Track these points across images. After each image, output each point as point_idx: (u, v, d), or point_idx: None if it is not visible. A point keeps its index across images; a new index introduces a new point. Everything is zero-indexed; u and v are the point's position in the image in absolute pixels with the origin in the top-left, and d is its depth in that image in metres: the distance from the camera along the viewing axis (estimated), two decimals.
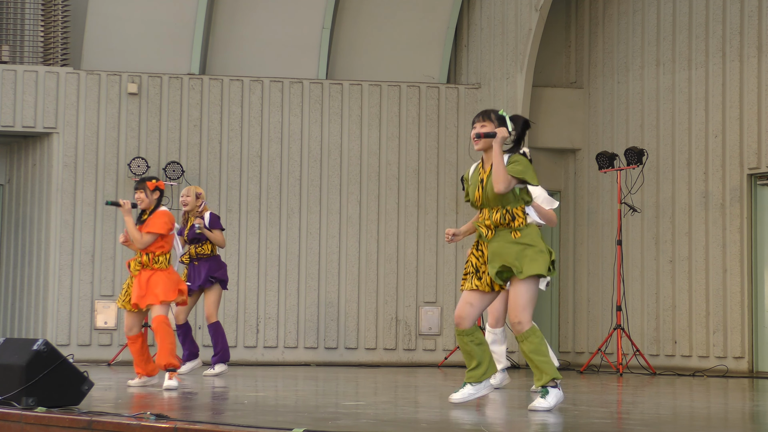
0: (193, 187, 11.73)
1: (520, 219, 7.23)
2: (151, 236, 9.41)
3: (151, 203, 9.55)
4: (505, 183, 7.10)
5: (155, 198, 9.57)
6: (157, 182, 9.59)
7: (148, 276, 9.42)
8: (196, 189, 11.71)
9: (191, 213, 11.67)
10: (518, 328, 7.23)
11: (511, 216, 7.22)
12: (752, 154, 13.67)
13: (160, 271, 9.43)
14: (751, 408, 8.18)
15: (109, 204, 9.66)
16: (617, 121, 15.17)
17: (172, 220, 9.56)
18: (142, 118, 14.95)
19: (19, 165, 15.28)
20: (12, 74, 14.71)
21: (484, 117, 7.35)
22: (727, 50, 14.02)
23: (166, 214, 9.51)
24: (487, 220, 7.24)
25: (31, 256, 14.95)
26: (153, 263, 9.43)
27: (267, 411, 7.11)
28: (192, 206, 11.64)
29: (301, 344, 14.96)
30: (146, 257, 9.44)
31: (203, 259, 11.59)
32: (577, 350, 15.44)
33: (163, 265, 9.45)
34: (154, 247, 9.45)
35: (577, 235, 15.63)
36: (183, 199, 11.67)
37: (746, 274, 13.61)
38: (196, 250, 11.57)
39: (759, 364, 13.54)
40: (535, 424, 6.37)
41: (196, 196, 11.66)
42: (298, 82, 15.30)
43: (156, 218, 9.47)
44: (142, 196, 9.55)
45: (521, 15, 15.20)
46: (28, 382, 6.75)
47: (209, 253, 11.61)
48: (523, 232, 7.23)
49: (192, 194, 11.64)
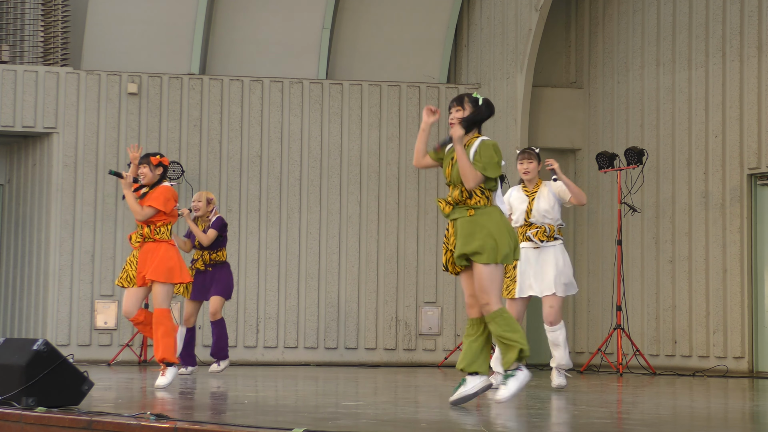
0: (205, 193, 11.72)
1: (477, 198, 7.34)
2: (151, 210, 9.30)
3: (153, 178, 9.47)
4: (474, 180, 7.27)
5: (158, 173, 9.49)
6: (161, 158, 9.53)
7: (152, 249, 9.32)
8: (208, 194, 11.70)
9: (202, 218, 11.65)
10: (486, 309, 7.33)
11: (469, 194, 7.36)
12: (752, 154, 13.68)
13: (163, 243, 9.33)
14: (751, 408, 8.19)
15: (112, 173, 9.54)
16: (617, 121, 15.18)
17: (175, 195, 9.46)
18: (142, 118, 14.95)
19: (19, 165, 15.28)
20: (12, 74, 14.71)
21: (458, 102, 7.50)
22: (727, 50, 14.02)
23: (168, 189, 9.42)
24: (449, 197, 7.44)
25: (31, 256, 14.96)
26: (155, 234, 9.33)
27: (267, 411, 7.11)
28: (203, 212, 11.62)
29: (301, 344, 14.97)
30: (147, 229, 9.35)
31: (216, 266, 11.57)
32: (577, 350, 15.44)
33: (165, 236, 9.35)
34: (157, 218, 9.35)
35: (577, 235, 15.63)
36: (194, 204, 11.65)
37: (746, 274, 13.61)
38: (210, 257, 11.54)
39: (759, 364, 13.54)
40: (535, 424, 6.38)
41: (207, 201, 11.65)
42: (298, 82, 15.30)
43: (157, 193, 9.37)
44: (145, 170, 9.47)
45: (521, 15, 15.20)
46: (28, 382, 6.75)
47: (223, 260, 11.61)
48: (479, 211, 7.33)
49: (203, 199, 11.63)
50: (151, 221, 9.36)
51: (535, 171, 9.46)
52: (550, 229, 9.34)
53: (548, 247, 9.34)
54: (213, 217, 11.65)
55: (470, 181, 7.26)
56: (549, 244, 9.34)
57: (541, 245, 9.32)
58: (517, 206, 9.44)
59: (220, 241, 11.61)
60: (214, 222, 11.60)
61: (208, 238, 11.49)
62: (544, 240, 9.32)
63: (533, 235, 9.31)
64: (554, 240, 9.34)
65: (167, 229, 9.39)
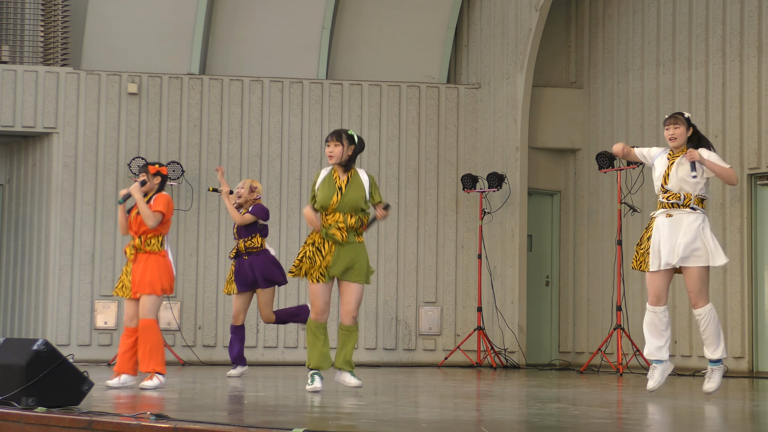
0: (250, 180, 11.65)
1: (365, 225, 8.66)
2: (160, 215, 9.40)
3: (152, 187, 9.57)
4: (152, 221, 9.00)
5: (156, 182, 9.59)
6: (160, 167, 9.63)
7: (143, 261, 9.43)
8: (252, 182, 11.62)
9: (245, 206, 11.60)
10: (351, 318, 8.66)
11: (361, 222, 8.63)
12: (752, 154, 13.68)
13: (153, 255, 9.42)
14: (751, 408, 8.19)
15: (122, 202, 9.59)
16: (617, 121, 15.18)
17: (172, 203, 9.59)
18: (142, 118, 14.95)
19: (19, 165, 15.28)
20: (12, 74, 14.71)
21: (336, 137, 8.64)
22: (727, 50, 14.02)
23: (166, 196, 9.53)
24: (341, 223, 8.56)
25: (31, 256, 14.96)
26: (145, 245, 9.41)
27: (267, 411, 7.11)
28: (245, 198, 11.59)
29: (301, 344, 14.96)
30: (138, 240, 9.44)
31: (253, 254, 11.46)
32: (577, 350, 15.44)
33: (155, 247, 9.42)
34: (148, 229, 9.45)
35: (577, 235, 15.63)
36: (238, 191, 11.64)
37: (746, 274, 13.62)
38: (245, 244, 11.39)
39: (759, 364, 13.54)
40: (535, 424, 6.38)
41: (251, 189, 11.61)
42: (298, 82, 15.30)
43: (159, 199, 9.50)
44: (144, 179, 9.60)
45: (521, 15, 15.20)
46: (28, 382, 6.75)
47: (258, 246, 11.42)
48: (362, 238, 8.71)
49: (246, 186, 11.60)
50: (143, 232, 9.45)
51: (682, 137, 8.92)
52: (686, 197, 8.83)
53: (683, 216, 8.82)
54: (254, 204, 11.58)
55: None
56: (683, 211, 8.82)
57: (674, 212, 8.83)
58: (657, 169, 9.00)
59: (255, 228, 11.46)
60: (253, 208, 11.52)
61: (242, 219, 11.35)
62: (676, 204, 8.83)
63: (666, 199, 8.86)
64: (689, 209, 8.81)
65: (158, 240, 9.47)
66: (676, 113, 9.07)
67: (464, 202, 15.35)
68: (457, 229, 15.35)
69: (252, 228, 11.43)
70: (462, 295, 15.24)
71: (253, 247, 11.38)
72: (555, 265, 15.82)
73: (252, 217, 11.39)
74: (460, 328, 15.16)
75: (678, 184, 8.84)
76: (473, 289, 15.18)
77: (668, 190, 8.87)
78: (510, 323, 14.92)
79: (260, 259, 11.38)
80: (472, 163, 15.42)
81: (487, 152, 15.39)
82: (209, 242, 14.89)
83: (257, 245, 11.40)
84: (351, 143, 8.61)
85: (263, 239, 11.46)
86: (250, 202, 11.58)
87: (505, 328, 14.95)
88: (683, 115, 9.03)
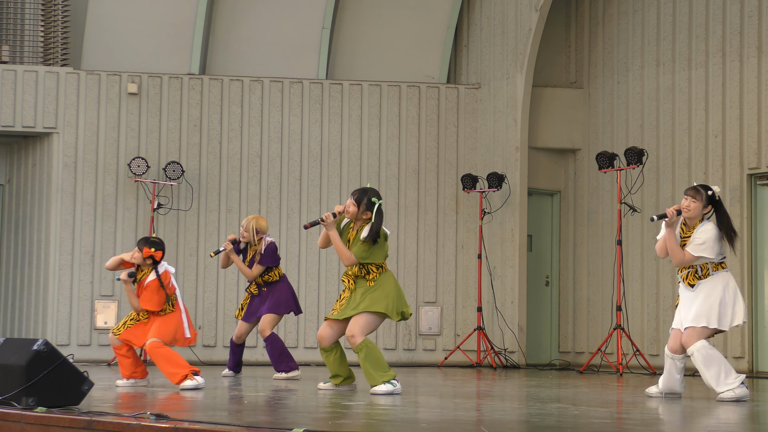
0: (253, 219, 11.46)
1: (374, 273, 8.96)
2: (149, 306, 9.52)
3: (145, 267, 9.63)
4: (348, 261, 8.89)
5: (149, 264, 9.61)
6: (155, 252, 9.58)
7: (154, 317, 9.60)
8: (257, 223, 11.43)
9: (250, 245, 11.52)
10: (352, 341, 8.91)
11: (366, 270, 8.97)
12: (752, 154, 13.68)
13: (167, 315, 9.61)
14: (751, 408, 8.18)
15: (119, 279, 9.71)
16: (617, 121, 15.18)
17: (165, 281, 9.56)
18: (142, 118, 14.95)
19: (19, 165, 15.28)
20: (12, 74, 14.71)
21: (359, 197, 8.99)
22: (727, 50, 14.02)
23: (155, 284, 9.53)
24: (349, 271, 9.00)
25: (31, 256, 14.95)
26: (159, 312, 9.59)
27: (267, 411, 7.11)
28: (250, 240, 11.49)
29: (301, 344, 14.96)
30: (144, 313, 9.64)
31: (270, 285, 11.42)
32: (577, 350, 15.44)
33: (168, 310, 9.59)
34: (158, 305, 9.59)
35: (577, 235, 15.63)
36: (242, 232, 11.54)
37: (746, 274, 13.61)
38: (263, 279, 11.40)
39: (759, 364, 13.54)
40: (535, 424, 6.38)
41: (255, 231, 11.46)
42: (298, 82, 15.30)
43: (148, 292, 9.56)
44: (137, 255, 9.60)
45: (521, 15, 15.20)
46: (28, 382, 6.75)
47: (277, 279, 11.43)
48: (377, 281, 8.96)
49: (250, 229, 11.38)
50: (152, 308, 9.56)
51: (696, 211, 8.74)
52: (703, 269, 8.77)
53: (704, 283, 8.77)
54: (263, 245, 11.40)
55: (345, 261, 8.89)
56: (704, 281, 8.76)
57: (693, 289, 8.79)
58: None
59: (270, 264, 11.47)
60: (263, 256, 11.35)
61: (252, 274, 11.34)
62: (694, 284, 8.78)
63: (683, 278, 8.82)
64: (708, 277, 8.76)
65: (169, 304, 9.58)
66: (699, 186, 8.84)
67: (464, 202, 15.35)
68: (457, 229, 15.35)
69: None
70: (462, 295, 15.24)
71: (271, 281, 11.43)
72: (555, 265, 15.82)
73: (261, 269, 11.33)
74: (460, 328, 15.16)
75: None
76: (473, 289, 15.18)
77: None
78: (510, 323, 14.92)
79: (278, 288, 11.43)
80: (472, 163, 15.42)
81: (487, 152, 15.38)
82: (209, 242, 14.89)
83: (275, 278, 11.44)
84: (368, 210, 8.96)
85: (278, 268, 11.48)
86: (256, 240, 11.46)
87: (505, 328, 14.95)
88: (707, 190, 8.81)
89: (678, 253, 8.75)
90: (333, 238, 8.87)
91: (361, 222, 9.01)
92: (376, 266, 8.97)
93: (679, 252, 8.75)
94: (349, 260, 8.84)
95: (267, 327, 11.35)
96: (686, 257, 8.73)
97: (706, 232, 8.72)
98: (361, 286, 8.96)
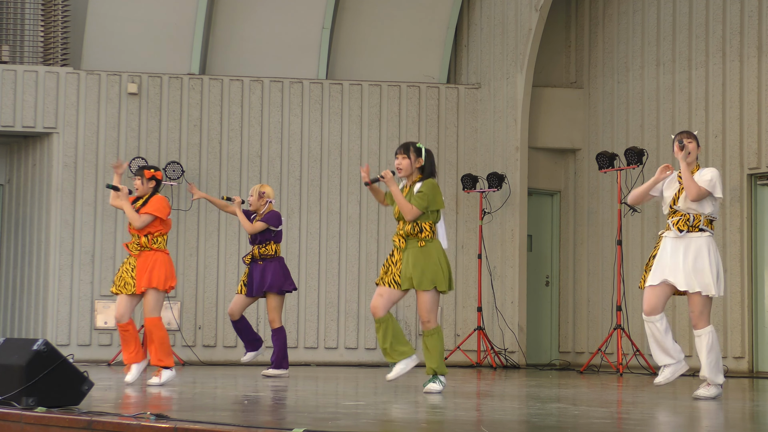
0: (259, 186, 11.65)
1: (426, 232, 8.82)
2: (148, 216, 9.65)
3: (146, 190, 9.84)
4: (411, 215, 8.77)
5: (150, 186, 9.84)
6: (155, 172, 9.88)
7: (150, 258, 9.67)
8: (261, 188, 11.61)
9: (257, 212, 11.63)
10: (427, 326, 8.85)
11: (419, 228, 8.82)
12: (752, 154, 13.68)
13: (160, 252, 9.70)
14: (751, 408, 8.18)
15: (109, 187, 9.89)
16: (617, 121, 15.18)
17: (169, 205, 9.82)
18: (142, 118, 14.95)
19: (19, 165, 15.28)
20: (12, 74, 14.71)
21: (404, 150, 8.90)
22: (727, 50, 14.02)
23: (162, 199, 9.78)
24: (401, 231, 8.87)
25: (31, 256, 14.95)
26: (152, 243, 9.68)
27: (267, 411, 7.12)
28: (255, 206, 11.59)
29: (301, 344, 14.96)
30: (145, 238, 9.68)
31: (267, 260, 11.49)
32: (577, 350, 15.44)
33: (162, 245, 9.72)
34: (154, 228, 9.71)
35: (577, 235, 15.63)
36: (249, 199, 11.67)
37: (746, 274, 13.61)
38: (260, 251, 11.44)
39: (759, 364, 13.54)
40: (535, 424, 6.38)
41: (259, 195, 11.58)
42: (298, 82, 15.30)
43: (155, 202, 9.73)
44: (137, 183, 9.85)
45: (521, 15, 15.20)
46: (28, 382, 6.75)
47: (273, 254, 11.47)
48: (427, 244, 8.80)
49: (255, 193, 11.59)
50: (148, 231, 9.70)
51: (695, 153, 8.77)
52: (695, 218, 8.70)
53: (692, 238, 8.71)
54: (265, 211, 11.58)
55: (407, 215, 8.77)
56: (692, 234, 8.70)
57: (681, 234, 8.70)
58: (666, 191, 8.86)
59: (269, 235, 11.48)
60: (266, 215, 11.51)
61: (252, 228, 11.40)
62: (684, 230, 8.70)
63: (673, 224, 8.75)
64: (698, 231, 8.70)
65: (164, 239, 9.76)
66: (684, 131, 8.91)
67: (464, 202, 15.35)
68: (457, 229, 15.35)
69: (266, 235, 11.47)
70: (462, 295, 15.24)
71: (267, 254, 11.44)
72: (555, 265, 15.82)
73: (263, 225, 11.41)
74: (460, 328, 15.16)
75: (687, 205, 8.73)
76: (473, 289, 15.18)
77: (677, 210, 8.78)
78: (510, 323, 14.92)
79: (273, 265, 11.45)
80: (472, 163, 15.42)
81: (487, 152, 15.39)
82: (209, 242, 14.89)
83: (271, 252, 11.46)
84: (418, 156, 8.88)
85: (277, 245, 11.53)
86: (259, 208, 11.58)
87: (505, 328, 14.95)
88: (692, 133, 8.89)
89: (693, 186, 8.71)
90: (394, 192, 8.77)
91: (413, 178, 8.92)
92: (430, 224, 8.84)
93: (694, 185, 8.71)
94: (411, 213, 8.74)
95: (276, 317, 11.42)
96: (701, 190, 8.69)
97: (710, 171, 8.77)
98: (412, 247, 8.81)
